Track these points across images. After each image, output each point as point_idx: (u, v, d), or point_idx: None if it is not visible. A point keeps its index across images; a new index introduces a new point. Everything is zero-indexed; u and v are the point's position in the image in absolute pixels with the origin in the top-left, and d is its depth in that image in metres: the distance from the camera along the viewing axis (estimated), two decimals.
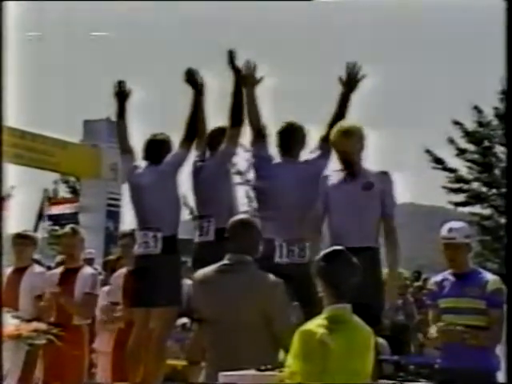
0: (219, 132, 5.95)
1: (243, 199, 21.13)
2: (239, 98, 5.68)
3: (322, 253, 3.81)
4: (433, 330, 4.81)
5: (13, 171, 14.11)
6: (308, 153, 5.77)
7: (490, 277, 4.81)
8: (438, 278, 4.96)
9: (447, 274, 4.90)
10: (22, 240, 6.66)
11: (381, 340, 8.24)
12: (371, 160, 5.52)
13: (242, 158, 24.43)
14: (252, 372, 3.70)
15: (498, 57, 5.11)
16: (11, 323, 5.54)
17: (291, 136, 5.61)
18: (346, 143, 5.18)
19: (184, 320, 7.86)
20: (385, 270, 5.27)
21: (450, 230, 4.84)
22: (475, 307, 4.71)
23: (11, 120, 12.22)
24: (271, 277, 4.23)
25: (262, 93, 5.69)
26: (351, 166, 5.22)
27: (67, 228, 6.74)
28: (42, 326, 5.68)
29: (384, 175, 5.25)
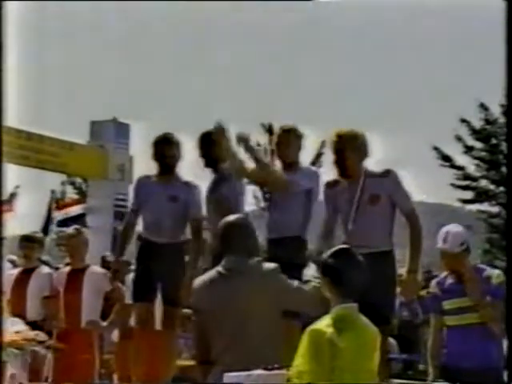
0: None
1: (250, 199, 21.23)
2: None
3: (329, 251, 3.80)
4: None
5: (20, 173, 14.15)
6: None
7: (492, 271, 4.82)
8: (440, 278, 4.93)
9: (449, 275, 4.88)
10: (29, 242, 6.70)
11: (389, 339, 8.23)
12: (378, 158, 5.50)
13: (248, 159, 24.55)
14: (258, 372, 3.67)
15: (504, 54, 5.08)
16: (15, 329, 5.55)
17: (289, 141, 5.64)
18: (341, 149, 5.07)
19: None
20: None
21: (444, 240, 4.84)
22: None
23: (17, 122, 12.27)
24: (268, 266, 4.23)
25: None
26: (348, 172, 5.13)
27: (72, 229, 6.76)
28: (42, 335, 5.68)
29: (387, 177, 5.13)
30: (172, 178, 6.02)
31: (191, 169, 6.49)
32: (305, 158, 5.91)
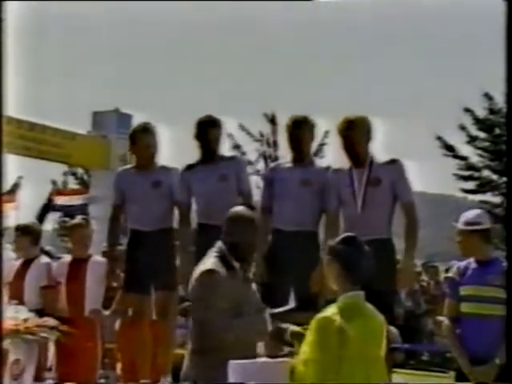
0: None
1: (253, 189, 21.24)
2: None
3: (339, 238, 3.80)
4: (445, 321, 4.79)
5: (22, 163, 14.15)
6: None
7: (506, 261, 4.65)
8: (462, 264, 4.83)
9: (471, 261, 4.79)
10: (18, 231, 6.68)
11: (392, 328, 8.23)
12: (381, 148, 5.51)
13: (251, 148, 24.56)
14: (262, 359, 3.67)
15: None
16: (19, 317, 5.53)
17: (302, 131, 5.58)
18: (351, 134, 5.16)
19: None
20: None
21: (459, 219, 4.81)
22: (497, 296, 4.61)
23: (20, 113, 12.27)
24: (201, 268, 3.93)
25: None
26: (358, 157, 5.20)
27: (80, 219, 6.75)
28: (52, 321, 5.68)
29: (392, 165, 5.22)
30: (151, 166, 6.03)
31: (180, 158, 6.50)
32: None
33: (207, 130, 5.77)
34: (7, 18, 4.78)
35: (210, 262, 3.93)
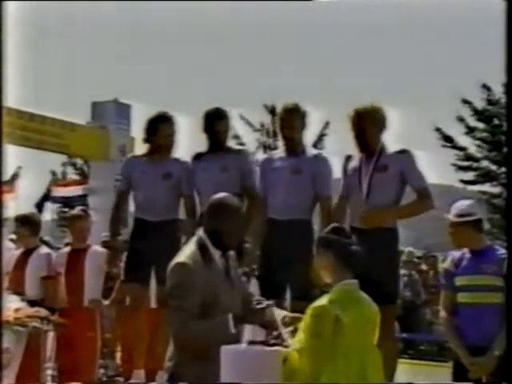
0: None
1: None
2: None
3: (327, 228, 3.82)
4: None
5: (21, 154, 14.16)
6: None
7: (506, 254, 4.65)
8: (456, 255, 4.81)
9: (465, 252, 4.78)
10: (17, 222, 6.70)
11: None
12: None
13: (251, 139, 24.54)
14: (256, 347, 3.62)
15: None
16: (14, 306, 5.56)
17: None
18: (361, 125, 5.15)
19: None
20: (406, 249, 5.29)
21: (449, 211, 4.79)
22: (492, 284, 4.61)
23: (19, 103, 12.25)
24: (176, 260, 3.84)
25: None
26: (367, 146, 5.19)
27: (79, 210, 6.75)
28: (43, 311, 5.69)
29: (402, 154, 5.21)
30: (165, 157, 5.98)
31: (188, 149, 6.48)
32: (307, 138, 5.88)
33: (215, 123, 5.78)
34: (8, 9, 4.79)
35: (186, 252, 3.86)
